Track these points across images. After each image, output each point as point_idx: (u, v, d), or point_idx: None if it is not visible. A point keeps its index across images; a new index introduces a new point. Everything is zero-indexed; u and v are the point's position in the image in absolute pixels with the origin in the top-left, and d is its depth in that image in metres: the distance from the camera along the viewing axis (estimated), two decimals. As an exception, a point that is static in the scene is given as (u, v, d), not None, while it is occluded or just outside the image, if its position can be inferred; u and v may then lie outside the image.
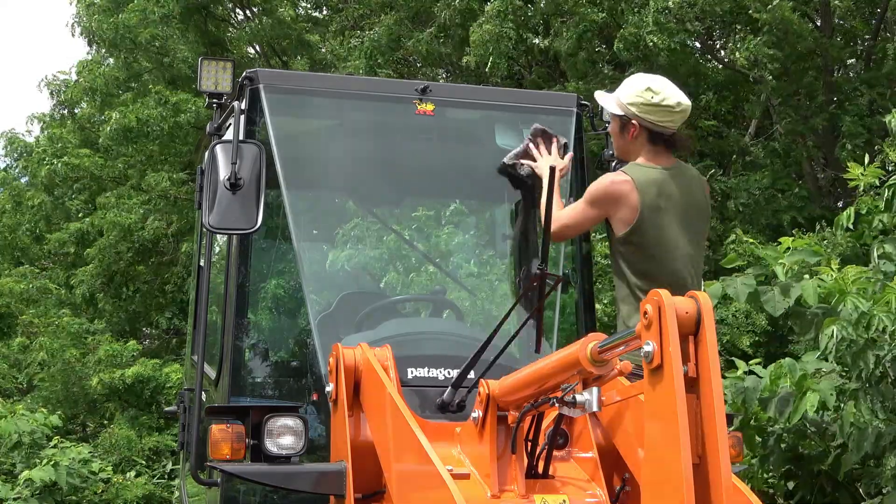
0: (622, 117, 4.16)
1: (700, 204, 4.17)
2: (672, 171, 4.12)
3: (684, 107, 4.11)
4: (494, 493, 3.14)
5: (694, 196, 4.15)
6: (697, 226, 4.15)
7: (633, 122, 4.12)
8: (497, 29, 11.98)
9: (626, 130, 4.17)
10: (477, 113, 4.96)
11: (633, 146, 4.16)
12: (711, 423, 2.54)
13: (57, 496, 11.09)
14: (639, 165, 4.12)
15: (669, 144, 4.16)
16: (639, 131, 4.12)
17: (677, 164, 4.18)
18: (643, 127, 4.11)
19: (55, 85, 17.60)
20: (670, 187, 4.07)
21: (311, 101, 4.84)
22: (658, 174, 4.08)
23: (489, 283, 6.12)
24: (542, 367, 2.99)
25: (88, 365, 14.30)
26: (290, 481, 3.71)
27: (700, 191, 4.20)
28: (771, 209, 12.14)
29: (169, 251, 16.44)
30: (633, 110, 4.11)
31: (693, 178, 4.19)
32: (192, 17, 16.04)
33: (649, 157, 4.12)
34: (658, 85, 4.12)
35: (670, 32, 11.45)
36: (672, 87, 4.14)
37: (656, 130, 4.10)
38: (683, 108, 4.11)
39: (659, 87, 4.11)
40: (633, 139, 4.15)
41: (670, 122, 4.11)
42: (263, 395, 4.84)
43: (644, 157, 4.13)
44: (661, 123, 4.09)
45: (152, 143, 15.02)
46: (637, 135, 4.13)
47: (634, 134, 4.14)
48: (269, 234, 5.02)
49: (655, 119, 4.09)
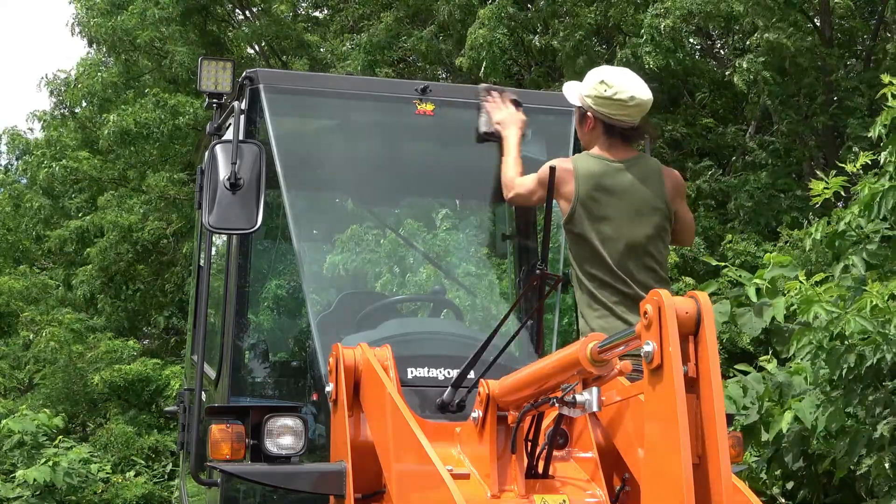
0: (580, 108, 4.22)
1: (654, 198, 4.12)
2: (626, 163, 4.12)
3: (638, 101, 4.10)
4: (494, 493, 3.14)
5: (648, 190, 4.12)
6: (652, 220, 4.10)
7: (589, 114, 4.16)
8: (490, 35, 12.01)
9: (584, 122, 4.23)
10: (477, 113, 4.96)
11: (591, 138, 4.20)
12: (711, 423, 2.53)
13: (56, 495, 11.10)
14: (587, 155, 4.16)
15: (626, 137, 4.17)
16: (594, 123, 4.16)
17: (635, 157, 4.18)
18: (598, 119, 4.14)
19: (55, 84, 17.59)
20: (616, 180, 4.07)
21: (310, 101, 4.84)
22: (603, 166, 4.08)
23: (489, 283, 6.12)
24: (541, 367, 2.99)
25: (89, 362, 14.30)
26: (290, 481, 3.71)
27: (657, 184, 4.15)
28: (771, 211, 12.13)
29: (169, 251, 16.45)
30: (588, 102, 4.15)
31: (651, 172, 4.16)
32: (192, 17, 16.04)
33: (603, 148, 4.15)
34: (613, 78, 4.13)
35: (667, 51, 11.45)
36: (629, 81, 4.14)
37: (611, 123, 4.13)
38: (638, 103, 4.10)
39: (614, 80, 4.12)
40: (590, 131, 4.20)
41: (625, 116, 4.12)
42: (263, 395, 4.85)
43: (598, 149, 4.16)
44: (615, 116, 4.11)
45: (151, 146, 14.99)
46: (593, 127, 4.17)
47: (591, 126, 4.18)
48: (269, 234, 5.03)
49: (609, 112, 4.11)
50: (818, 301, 5.89)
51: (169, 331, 17.42)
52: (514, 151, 4.37)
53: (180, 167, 16.20)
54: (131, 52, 16.08)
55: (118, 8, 15.99)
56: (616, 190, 4.06)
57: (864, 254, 6.27)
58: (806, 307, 5.93)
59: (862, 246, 6.32)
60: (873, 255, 6.29)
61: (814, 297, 5.95)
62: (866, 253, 6.28)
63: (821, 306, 5.84)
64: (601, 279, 4.00)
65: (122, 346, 14.58)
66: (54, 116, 18.80)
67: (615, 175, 4.08)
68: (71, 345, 14.40)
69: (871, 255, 6.29)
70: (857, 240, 6.41)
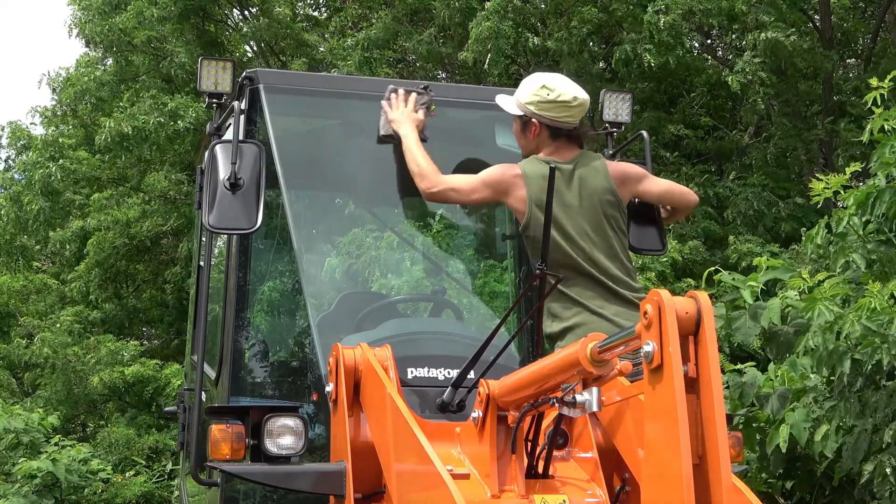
0: (522, 117, 4.27)
1: (604, 191, 4.19)
2: (572, 162, 4.20)
3: (581, 101, 4.21)
4: (494, 493, 3.14)
5: (597, 183, 4.19)
6: (606, 211, 4.18)
7: (533, 120, 4.22)
8: (496, 26, 12.01)
9: (527, 130, 4.28)
10: (477, 113, 4.97)
11: (537, 143, 4.26)
12: (711, 423, 2.54)
13: (56, 493, 11.10)
14: (535, 159, 4.21)
15: (571, 138, 4.25)
16: (539, 129, 4.23)
17: (579, 156, 4.25)
18: (542, 124, 4.21)
19: (56, 81, 17.57)
20: (567, 179, 4.14)
21: (310, 101, 4.84)
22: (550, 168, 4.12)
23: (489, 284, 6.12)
24: (542, 367, 2.99)
25: (89, 364, 14.29)
26: (290, 481, 3.71)
27: (603, 177, 4.22)
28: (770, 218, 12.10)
29: (168, 251, 16.43)
30: (531, 109, 4.22)
31: (596, 166, 4.23)
32: (190, 18, 16.03)
33: (549, 151, 4.23)
34: (553, 82, 4.23)
35: (667, 47, 11.45)
36: (567, 83, 4.24)
37: (555, 126, 4.20)
38: (580, 102, 4.21)
39: (554, 84, 4.22)
40: (534, 137, 4.26)
41: (569, 117, 4.21)
42: (263, 395, 4.85)
43: (545, 153, 4.23)
44: (559, 119, 4.20)
45: (149, 149, 14.95)
46: (538, 133, 4.24)
47: (536, 132, 4.24)
48: (269, 234, 5.02)
49: (553, 115, 4.19)
50: (821, 299, 5.87)
51: (169, 331, 17.41)
52: (417, 145, 4.36)
53: (179, 167, 16.18)
54: (128, 51, 16.06)
55: (115, 8, 15.97)
56: (568, 188, 4.14)
57: (864, 251, 6.26)
58: (810, 305, 5.90)
59: (861, 244, 6.31)
60: (872, 254, 6.28)
61: (817, 294, 5.93)
62: (865, 250, 6.27)
63: (824, 305, 5.82)
64: (568, 277, 4.01)
65: (123, 347, 14.57)
66: (55, 114, 18.78)
67: (565, 175, 4.15)
68: (67, 348, 14.39)
69: (869, 253, 6.27)
70: (856, 239, 6.40)
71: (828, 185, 6.58)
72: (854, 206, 6.37)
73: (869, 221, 6.36)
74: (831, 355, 5.82)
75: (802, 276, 6.30)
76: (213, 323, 5.02)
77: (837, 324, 5.71)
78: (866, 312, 5.65)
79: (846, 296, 6.15)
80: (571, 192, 4.14)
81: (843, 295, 6.13)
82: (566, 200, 4.12)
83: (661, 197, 4.50)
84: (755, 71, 11.32)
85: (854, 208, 6.37)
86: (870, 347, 5.68)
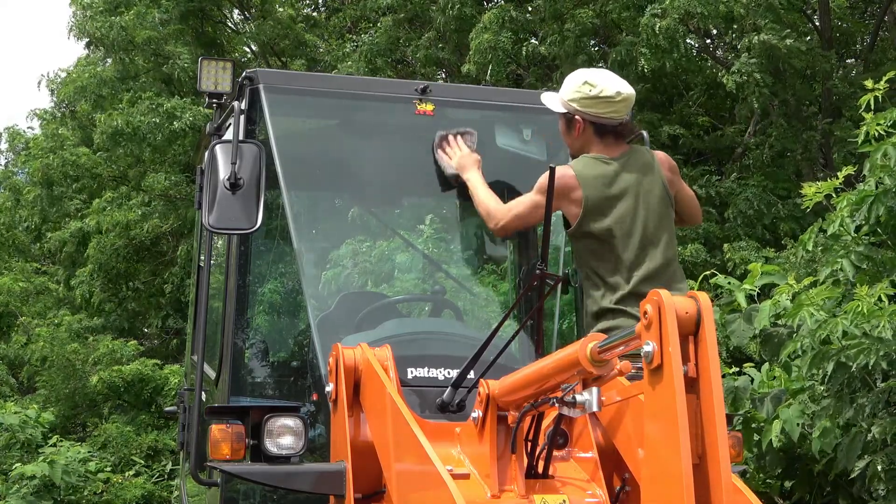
0: (566, 115, 4.20)
1: (657, 187, 4.14)
2: (622, 159, 4.13)
3: (625, 95, 4.12)
4: (494, 493, 3.14)
5: (650, 180, 4.13)
6: (659, 210, 4.12)
7: (577, 117, 4.15)
8: (494, 39, 12.04)
9: (572, 128, 4.21)
10: (477, 113, 4.97)
11: (583, 141, 4.19)
12: (711, 423, 2.54)
13: (55, 494, 11.09)
14: (585, 158, 4.14)
15: (618, 135, 4.17)
16: (584, 126, 4.16)
17: (629, 151, 4.18)
18: (587, 121, 4.14)
19: (55, 83, 17.58)
20: (621, 177, 4.08)
21: (311, 101, 4.84)
22: (605, 166, 4.08)
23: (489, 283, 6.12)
24: (542, 367, 2.99)
25: (88, 363, 14.29)
26: (290, 481, 3.72)
27: (655, 173, 4.17)
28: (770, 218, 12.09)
29: (168, 251, 16.43)
30: (574, 106, 4.14)
31: (646, 163, 4.17)
32: (189, 20, 16.03)
33: (598, 149, 4.15)
34: (595, 78, 4.14)
35: (662, 52, 11.44)
36: (611, 78, 4.16)
37: (601, 123, 4.13)
38: (624, 97, 4.12)
39: (596, 79, 4.13)
40: (580, 135, 4.18)
41: (614, 113, 4.12)
42: (263, 395, 4.85)
43: (594, 151, 4.15)
44: (604, 115, 4.12)
45: (146, 148, 14.94)
46: (583, 130, 4.16)
47: (580, 130, 4.17)
48: (269, 234, 5.02)
49: (598, 112, 4.11)
50: (807, 305, 5.89)
51: (168, 331, 17.41)
52: (484, 188, 4.36)
53: (179, 168, 16.19)
54: (129, 51, 16.06)
55: (116, 9, 15.98)
56: (622, 188, 4.07)
57: (853, 256, 6.25)
58: (795, 310, 5.93)
59: (850, 249, 6.31)
60: (862, 259, 6.27)
61: (804, 300, 5.95)
62: (854, 256, 6.26)
63: (807, 310, 5.84)
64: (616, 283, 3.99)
65: (122, 347, 14.57)
66: (54, 115, 18.78)
67: (620, 172, 4.09)
68: (66, 345, 14.38)
69: (859, 257, 6.26)
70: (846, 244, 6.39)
71: (819, 191, 6.58)
72: (847, 208, 6.37)
73: (861, 225, 6.36)
74: (815, 358, 5.84)
75: (789, 283, 6.32)
76: (213, 323, 5.02)
77: (823, 328, 5.72)
78: (853, 316, 5.65)
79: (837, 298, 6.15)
80: (625, 192, 4.06)
81: (833, 298, 6.12)
82: (620, 202, 4.04)
83: (688, 201, 4.41)
84: (751, 72, 11.32)
85: (847, 210, 6.38)
86: (857, 349, 5.68)
